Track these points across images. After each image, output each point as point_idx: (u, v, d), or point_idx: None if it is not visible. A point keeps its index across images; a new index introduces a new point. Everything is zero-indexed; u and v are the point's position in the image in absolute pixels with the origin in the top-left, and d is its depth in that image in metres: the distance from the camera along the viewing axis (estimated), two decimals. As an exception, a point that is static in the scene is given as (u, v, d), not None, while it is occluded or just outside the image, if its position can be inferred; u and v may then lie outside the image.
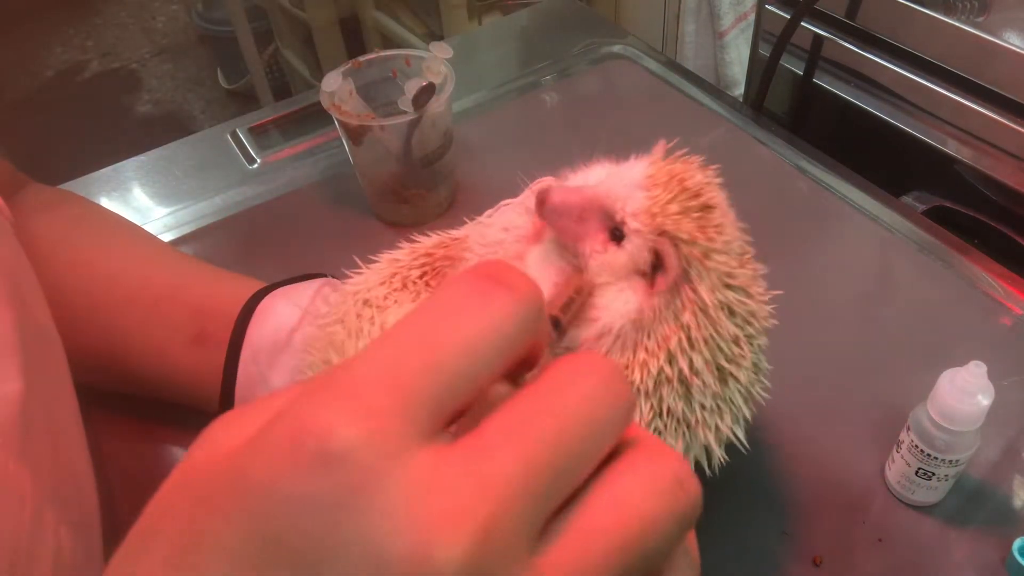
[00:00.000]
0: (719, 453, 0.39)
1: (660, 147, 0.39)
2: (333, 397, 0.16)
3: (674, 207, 0.37)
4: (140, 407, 0.54)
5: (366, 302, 0.42)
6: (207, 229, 0.70)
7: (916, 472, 0.46)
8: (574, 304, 0.26)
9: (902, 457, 0.46)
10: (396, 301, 0.42)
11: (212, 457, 0.18)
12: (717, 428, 0.39)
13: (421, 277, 0.43)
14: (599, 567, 0.17)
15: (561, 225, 0.38)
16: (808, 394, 0.54)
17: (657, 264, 0.37)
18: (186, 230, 0.70)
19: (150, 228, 0.70)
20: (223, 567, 0.16)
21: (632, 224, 0.37)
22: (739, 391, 0.39)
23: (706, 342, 0.37)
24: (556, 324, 0.23)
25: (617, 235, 0.37)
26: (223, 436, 0.18)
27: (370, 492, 0.15)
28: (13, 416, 0.31)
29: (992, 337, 0.58)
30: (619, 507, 0.18)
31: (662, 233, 0.36)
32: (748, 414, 0.40)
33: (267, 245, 0.68)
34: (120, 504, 0.50)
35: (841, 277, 0.64)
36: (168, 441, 0.54)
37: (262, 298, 0.48)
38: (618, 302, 0.37)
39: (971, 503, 0.48)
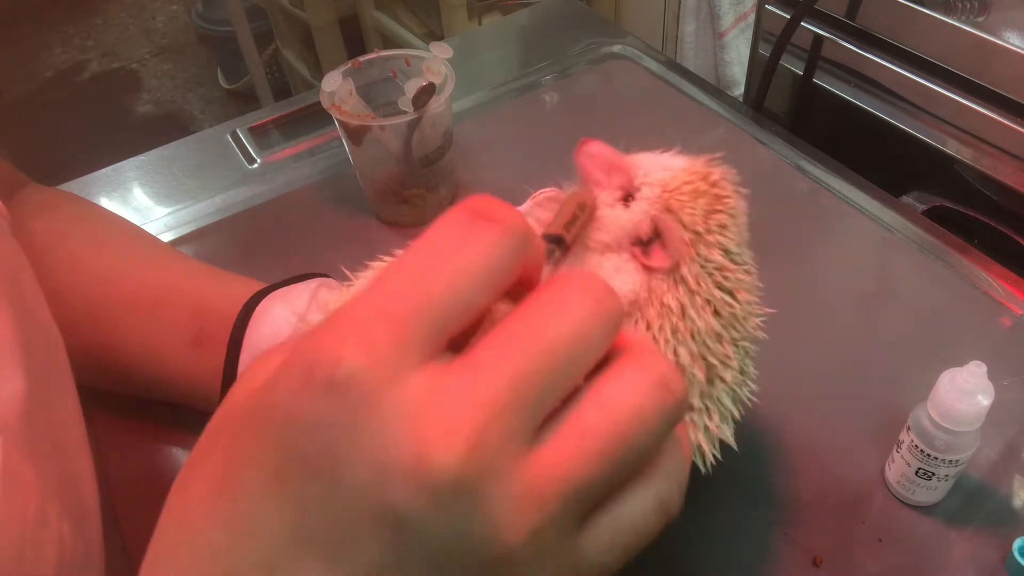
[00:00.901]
0: (710, 452, 0.39)
1: (707, 157, 0.40)
2: (336, 332, 0.18)
3: (687, 190, 0.38)
4: (140, 407, 0.54)
5: None
6: (207, 229, 0.70)
7: (916, 472, 0.46)
8: (578, 220, 0.26)
9: (902, 457, 0.46)
10: None
11: (246, 393, 0.20)
12: (706, 428, 0.39)
13: None
14: (590, 461, 0.19)
15: (589, 169, 0.39)
16: (808, 394, 0.54)
17: (654, 238, 0.38)
18: (186, 230, 0.70)
19: (150, 228, 0.70)
20: (258, 483, 0.18)
21: (644, 191, 0.38)
22: (726, 392, 0.39)
23: (692, 336, 0.37)
24: (560, 241, 0.23)
25: (628, 200, 0.39)
26: (251, 379, 0.21)
27: (372, 412, 0.17)
28: (16, 414, 0.31)
29: (992, 337, 0.58)
30: (608, 407, 0.19)
31: (668, 210, 0.37)
32: (736, 414, 0.40)
33: (267, 245, 0.68)
34: (119, 503, 0.50)
35: (841, 277, 0.64)
36: (168, 441, 0.54)
37: (260, 300, 0.48)
38: (616, 281, 0.38)
39: (971, 503, 0.48)
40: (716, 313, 0.38)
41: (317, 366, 0.18)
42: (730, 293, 0.38)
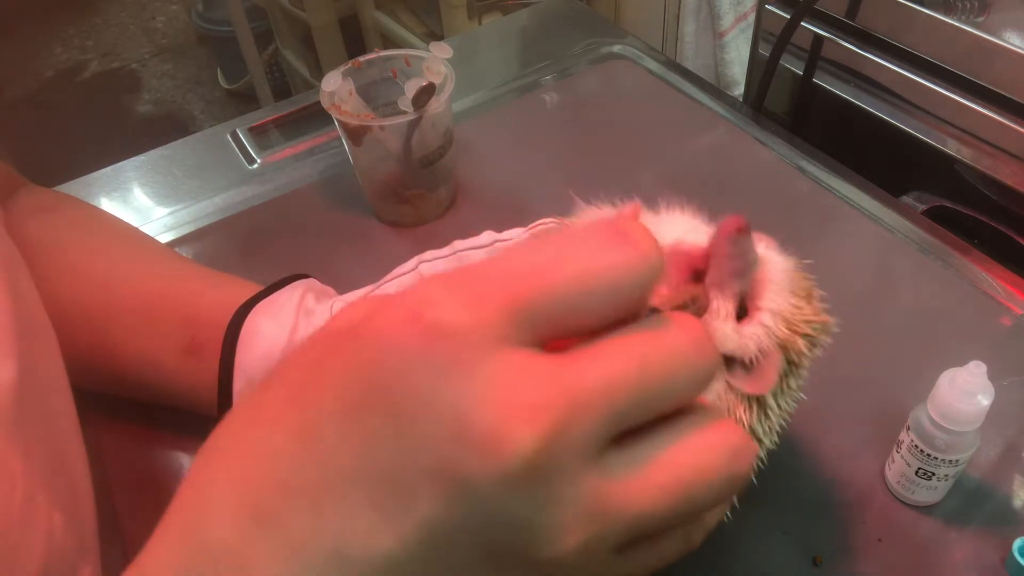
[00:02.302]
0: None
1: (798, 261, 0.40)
2: (454, 283, 0.19)
3: (806, 328, 0.37)
4: (139, 408, 0.54)
5: None
6: (207, 229, 0.70)
7: (916, 472, 0.46)
8: (686, 310, 0.26)
9: (902, 457, 0.46)
10: None
11: (339, 325, 0.20)
12: None
13: None
14: (658, 506, 0.19)
15: (724, 263, 0.36)
16: (808, 394, 0.54)
17: (754, 361, 0.37)
18: (186, 230, 0.70)
19: (150, 228, 0.70)
20: (335, 404, 0.18)
21: (765, 319, 0.37)
22: None
23: None
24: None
25: (741, 311, 0.37)
26: (345, 316, 0.21)
27: (469, 369, 0.17)
28: (5, 401, 0.31)
29: (992, 337, 0.58)
30: (686, 462, 0.20)
31: (782, 344, 0.37)
32: None
33: (267, 245, 0.68)
34: (119, 503, 0.50)
35: (841, 277, 0.64)
36: (167, 441, 0.54)
37: (249, 310, 0.47)
38: None
39: (971, 503, 0.48)
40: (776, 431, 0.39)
41: (426, 307, 0.18)
42: (787, 413, 0.39)
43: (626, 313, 0.20)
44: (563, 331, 0.19)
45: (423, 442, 0.17)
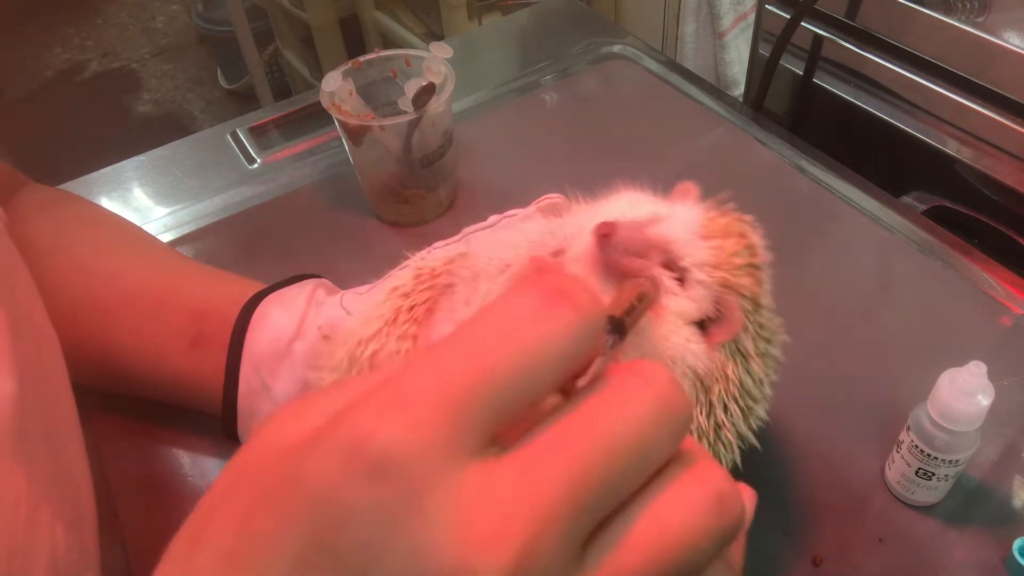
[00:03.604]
0: None
1: (717, 199, 0.40)
2: (385, 406, 0.16)
3: (737, 261, 0.38)
4: (140, 407, 0.54)
5: (360, 344, 0.42)
6: (207, 229, 0.70)
7: (916, 472, 0.46)
8: (636, 311, 0.26)
9: (902, 457, 0.46)
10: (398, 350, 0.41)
11: (268, 454, 0.18)
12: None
13: (411, 310, 0.42)
14: None
15: (624, 262, 0.37)
16: (808, 394, 0.54)
17: (716, 316, 0.38)
18: (186, 230, 0.70)
19: (150, 228, 0.70)
20: (276, 566, 0.16)
21: (697, 275, 0.37)
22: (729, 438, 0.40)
23: (736, 399, 0.38)
24: (620, 328, 0.23)
25: (681, 280, 0.38)
26: (279, 433, 0.18)
27: (418, 506, 0.16)
28: (6, 415, 0.31)
29: (992, 337, 0.58)
30: (660, 527, 0.18)
31: (725, 286, 0.37)
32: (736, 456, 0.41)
33: (267, 245, 0.68)
34: (120, 504, 0.50)
35: (841, 277, 0.64)
36: (168, 441, 0.54)
37: (258, 303, 0.48)
38: (689, 357, 0.37)
39: (971, 503, 0.48)
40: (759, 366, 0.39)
41: (361, 444, 0.16)
42: (769, 342, 0.39)
43: (576, 372, 0.19)
44: (513, 415, 0.17)
45: None
